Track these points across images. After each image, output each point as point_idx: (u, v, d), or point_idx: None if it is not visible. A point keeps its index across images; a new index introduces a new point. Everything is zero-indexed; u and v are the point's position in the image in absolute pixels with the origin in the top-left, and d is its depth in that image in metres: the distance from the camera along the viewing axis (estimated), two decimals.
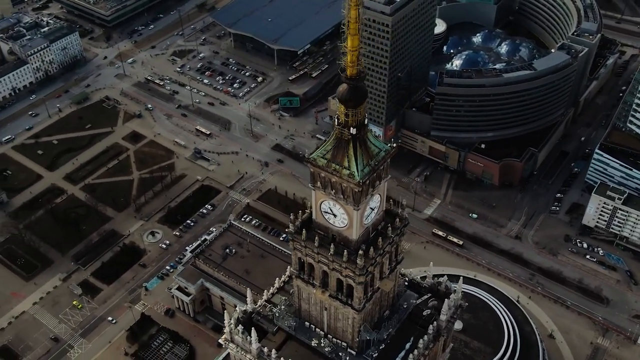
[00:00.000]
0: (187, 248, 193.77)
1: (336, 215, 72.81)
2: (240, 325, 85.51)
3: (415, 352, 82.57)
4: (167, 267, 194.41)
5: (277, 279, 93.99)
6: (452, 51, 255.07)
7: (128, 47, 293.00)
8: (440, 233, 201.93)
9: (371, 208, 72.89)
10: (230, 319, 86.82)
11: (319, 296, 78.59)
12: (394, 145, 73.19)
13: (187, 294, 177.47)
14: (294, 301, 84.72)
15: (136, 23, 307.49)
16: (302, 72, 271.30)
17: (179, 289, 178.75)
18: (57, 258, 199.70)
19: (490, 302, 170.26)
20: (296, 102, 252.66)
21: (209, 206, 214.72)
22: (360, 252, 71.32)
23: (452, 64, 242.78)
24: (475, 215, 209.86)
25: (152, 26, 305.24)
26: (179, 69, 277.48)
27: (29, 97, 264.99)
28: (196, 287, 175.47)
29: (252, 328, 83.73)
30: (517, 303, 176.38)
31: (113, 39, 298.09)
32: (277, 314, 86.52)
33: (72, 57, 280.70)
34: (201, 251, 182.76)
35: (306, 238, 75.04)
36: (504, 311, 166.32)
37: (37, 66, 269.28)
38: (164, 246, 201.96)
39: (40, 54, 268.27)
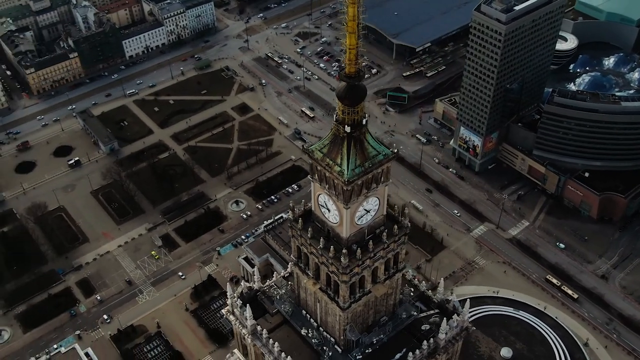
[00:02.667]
0: (264, 222, 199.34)
1: (330, 210, 72.81)
2: (239, 300, 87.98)
3: None
4: (243, 237, 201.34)
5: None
6: (578, 70, 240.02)
7: (257, 23, 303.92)
8: (555, 281, 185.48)
9: (365, 210, 72.05)
10: (234, 292, 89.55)
11: (310, 287, 79.14)
12: (395, 150, 71.57)
13: (252, 265, 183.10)
14: (295, 288, 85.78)
15: (270, 0, 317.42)
16: (417, 70, 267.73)
17: (246, 259, 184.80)
18: (148, 209, 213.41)
19: (551, 337, 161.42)
20: (404, 98, 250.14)
21: (295, 186, 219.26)
22: (345, 250, 70.89)
23: (574, 84, 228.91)
24: (562, 245, 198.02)
25: (284, 5, 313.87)
26: (299, 50, 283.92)
27: (159, 57, 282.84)
28: (261, 260, 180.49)
29: (249, 305, 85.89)
30: (582, 346, 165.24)
31: (245, 13, 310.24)
32: (278, 297, 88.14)
33: (205, 25, 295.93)
34: (273, 227, 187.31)
35: (302, 228, 75.65)
36: (563, 350, 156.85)
37: (171, 29, 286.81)
38: (244, 216, 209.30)
39: (175, 18, 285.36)
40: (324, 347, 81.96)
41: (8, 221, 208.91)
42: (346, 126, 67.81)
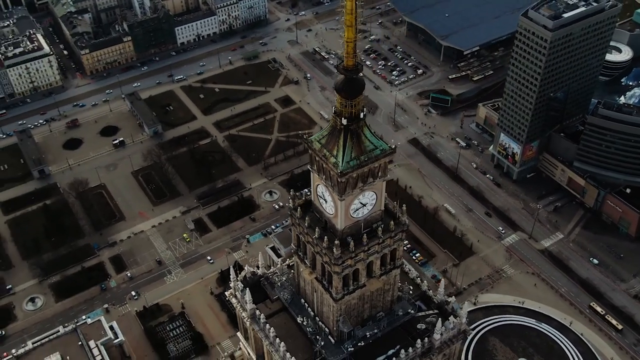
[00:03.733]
0: None
1: (327, 201, 73.71)
2: (240, 283, 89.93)
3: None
4: (273, 227, 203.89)
5: None
6: (631, 83, 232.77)
7: (308, 17, 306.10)
8: (599, 310, 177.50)
9: (361, 203, 72.62)
10: (237, 276, 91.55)
11: (306, 276, 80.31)
12: (394, 146, 71.78)
13: (278, 255, 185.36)
14: (295, 276, 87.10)
15: None
16: (464, 73, 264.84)
17: (273, 248, 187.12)
18: (184, 193, 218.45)
19: (572, 353, 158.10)
20: (447, 101, 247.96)
21: None
22: (337, 242, 71.71)
23: (624, 97, 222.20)
24: (596, 261, 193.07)
25: (336, 1, 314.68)
26: None
27: (209, 46, 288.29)
28: (287, 250, 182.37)
29: (248, 289, 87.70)
30: None
31: (298, 7, 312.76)
32: (279, 284, 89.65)
33: (256, 16, 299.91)
34: None
35: (300, 216, 76.86)
36: None
37: (223, 19, 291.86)
38: (276, 207, 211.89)
39: (228, 9, 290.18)
40: (317, 337, 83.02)
41: (51, 194, 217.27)
42: (343, 119, 68.59)
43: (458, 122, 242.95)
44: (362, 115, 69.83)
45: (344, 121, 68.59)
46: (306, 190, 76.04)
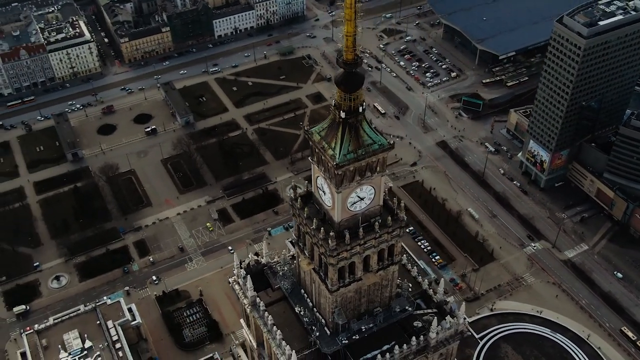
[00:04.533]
0: None
1: (325, 193, 74.65)
2: (243, 271, 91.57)
3: (387, 356, 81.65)
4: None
5: None
6: None
7: None
8: (631, 335, 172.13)
9: (359, 197, 73.31)
10: (241, 263, 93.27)
11: (304, 266, 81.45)
12: (392, 142, 72.23)
13: None
14: (296, 267, 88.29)
15: None
16: (498, 78, 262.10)
17: (292, 241, 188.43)
18: (211, 183, 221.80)
19: None
20: (478, 105, 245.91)
21: None
22: (332, 233, 72.60)
23: None
24: (620, 275, 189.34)
25: (374, 0, 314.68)
26: (382, 46, 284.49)
27: (245, 40, 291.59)
28: None
29: (249, 277, 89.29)
30: None
31: (336, 4, 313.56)
32: (280, 274, 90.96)
33: (294, 12, 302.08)
34: None
35: (300, 207, 78.01)
36: None
37: (261, 14, 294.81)
38: None
39: (266, 3, 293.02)
40: (313, 327, 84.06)
41: (82, 177, 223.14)
42: (342, 112, 69.45)
43: (488, 127, 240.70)
44: (361, 109, 70.57)
45: (343, 114, 69.50)
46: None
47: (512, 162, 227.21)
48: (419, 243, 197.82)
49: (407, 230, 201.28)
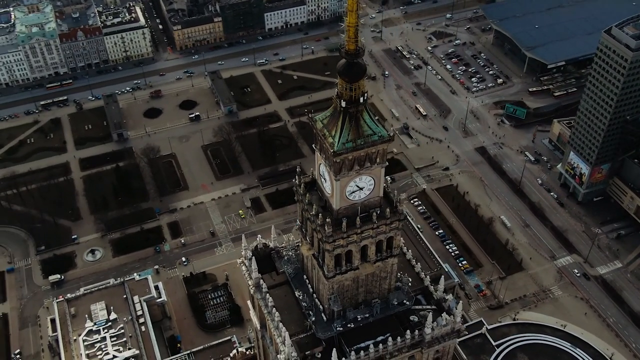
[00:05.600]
0: None
1: (326, 180, 76.36)
2: (249, 252, 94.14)
3: (380, 346, 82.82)
4: None
5: None
6: None
7: (397, 16, 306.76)
8: None
9: (358, 186, 74.66)
10: (248, 245, 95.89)
11: (305, 251, 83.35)
12: (391, 134, 73.24)
13: None
14: (300, 252, 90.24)
15: None
16: (545, 87, 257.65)
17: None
18: (247, 171, 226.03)
19: None
20: (522, 113, 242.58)
21: (389, 178, 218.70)
22: (328, 220, 74.22)
23: None
24: None
25: (427, 2, 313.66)
26: (430, 48, 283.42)
27: (295, 34, 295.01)
28: None
29: (255, 258, 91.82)
30: None
31: (388, 4, 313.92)
32: (285, 258, 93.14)
33: (345, 9, 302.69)
34: None
35: (303, 193, 79.93)
36: None
37: (312, 9, 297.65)
38: None
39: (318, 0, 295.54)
40: (310, 312, 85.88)
41: (125, 157, 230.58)
42: (342, 101, 70.94)
43: (530, 136, 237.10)
44: (362, 100, 71.90)
45: (343, 103, 71.01)
46: None
47: (551, 173, 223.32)
48: (447, 247, 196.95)
49: (437, 233, 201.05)
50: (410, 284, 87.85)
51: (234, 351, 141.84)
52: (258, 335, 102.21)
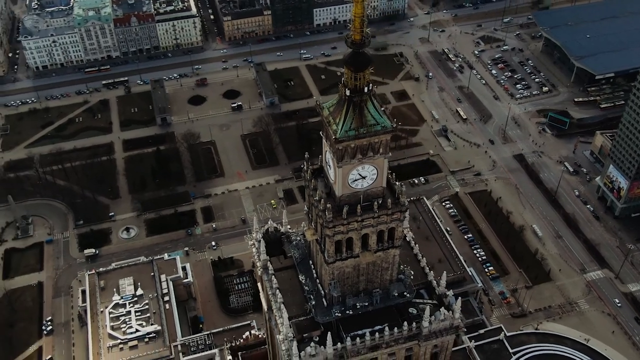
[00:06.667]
0: None
1: (330, 167, 78.19)
2: (260, 234, 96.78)
3: (377, 335, 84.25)
4: None
5: None
6: None
7: (446, 18, 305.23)
8: None
9: (360, 175, 76.11)
10: (260, 228, 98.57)
11: (309, 236, 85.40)
12: (395, 125, 74.48)
13: None
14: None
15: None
16: (592, 98, 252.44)
17: None
18: (282, 163, 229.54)
19: None
20: (565, 123, 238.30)
21: (422, 179, 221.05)
22: (329, 205, 76.05)
23: None
24: None
25: (478, 6, 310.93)
26: (476, 52, 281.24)
27: (342, 31, 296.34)
28: None
29: (263, 241, 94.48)
30: None
31: (438, 6, 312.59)
32: (294, 243, 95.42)
33: (395, 9, 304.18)
34: None
35: (309, 179, 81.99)
36: None
37: None
38: None
39: None
40: (311, 296, 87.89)
41: (167, 141, 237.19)
42: (347, 89, 72.60)
43: (571, 147, 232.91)
44: (366, 89, 73.29)
45: (347, 92, 72.63)
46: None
47: (589, 185, 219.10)
48: (475, 251, 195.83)
49: (466, 237, 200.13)
50: (412, 277, 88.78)
51: (247, 333, 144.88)
52: (266, 317, 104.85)
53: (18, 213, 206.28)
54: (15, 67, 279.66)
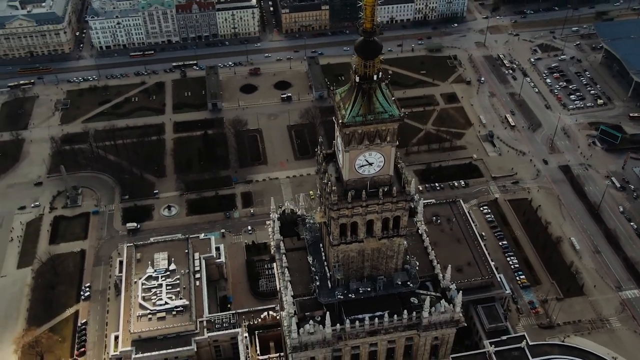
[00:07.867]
0: None
1: (340, 151, 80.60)
2: (276, 215, 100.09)
3: (376, 321, 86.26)
4: None
5: None
6: None
7: (505, 23, 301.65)
8: None
9: (367, 161, 78.12)
10: (277, 209, 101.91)
11: (318, 218, 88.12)
12: (402, 115, 76.08)
13: None
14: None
15: (529, 6, 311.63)
16: None
17: None
18: None
19: None
20: (616, 137, 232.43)
21: (463, 182, 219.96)
22: (334, 188, 78.49)
23: None
24: None
25: (539, 14, 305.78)
26: (532, 60, 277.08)
27: (399, 30, 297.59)
28: None
29: (278, 221, 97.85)
30: None
31: (498, 11, 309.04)
32: (307, 225, 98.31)
33: (453, 12, 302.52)
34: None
35: (320, 162, 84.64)
36: None
37: (419, 8, 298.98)
38: None
39: None
40: (316, 277, 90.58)
41: (215, 126, 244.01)
42: (357, 76, 74.74)
43: (621, 162, 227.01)
44: (375, 77, 75.26)
45: (357, 79, 74.82)
46: (438, 184, 77.24)
47: (635, 202, 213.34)
48: (508, 258, 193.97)
49: (500, 243, 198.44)
50: (417, 267, 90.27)
51: (265, 313, 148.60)
52: (280, 296, 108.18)
53: (69, 183, 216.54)
54: (81, 45, 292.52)
